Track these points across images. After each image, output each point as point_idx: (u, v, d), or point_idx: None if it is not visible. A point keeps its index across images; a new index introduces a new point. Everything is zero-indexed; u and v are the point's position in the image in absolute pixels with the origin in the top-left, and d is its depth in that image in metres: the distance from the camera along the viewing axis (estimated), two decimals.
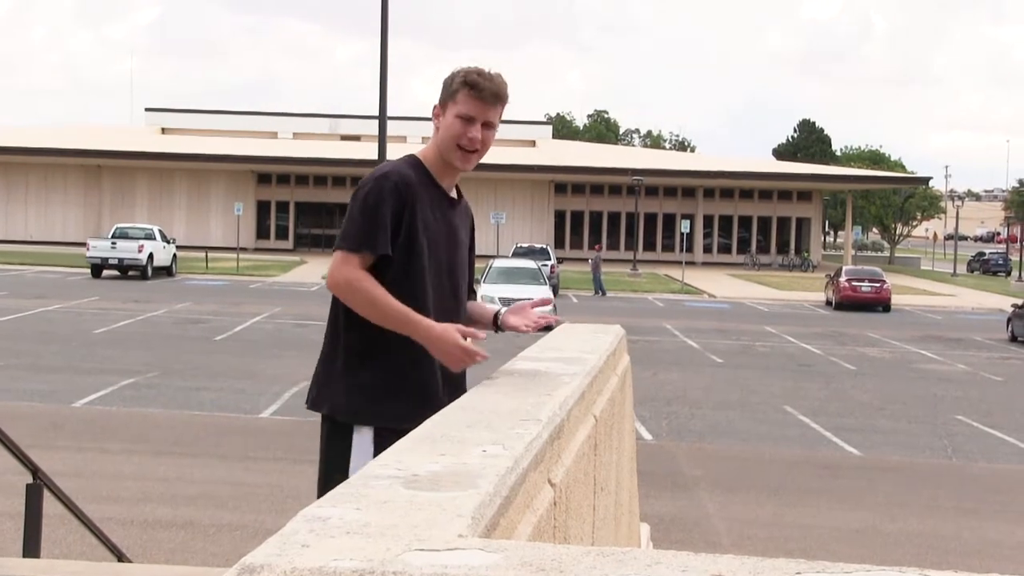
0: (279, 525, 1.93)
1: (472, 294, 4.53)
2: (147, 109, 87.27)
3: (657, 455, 16.00)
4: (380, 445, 3.89)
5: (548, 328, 4.67)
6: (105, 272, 48.13)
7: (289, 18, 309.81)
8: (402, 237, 4.03)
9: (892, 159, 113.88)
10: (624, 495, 5.52)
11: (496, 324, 4.40)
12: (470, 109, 4.04)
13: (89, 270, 48.39)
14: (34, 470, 7.39)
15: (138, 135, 79.05)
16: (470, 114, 4.04)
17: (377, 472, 2.36)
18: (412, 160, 4.23)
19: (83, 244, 52.03)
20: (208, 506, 12.50)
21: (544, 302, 4.46)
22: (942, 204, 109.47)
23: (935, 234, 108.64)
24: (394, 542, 1.84)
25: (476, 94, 4.04)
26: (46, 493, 7.51)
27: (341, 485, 2.25)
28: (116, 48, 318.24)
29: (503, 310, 4.42)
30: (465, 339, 3.96)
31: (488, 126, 4.09)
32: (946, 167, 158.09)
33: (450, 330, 3.95)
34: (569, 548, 1.85)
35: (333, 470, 3.97)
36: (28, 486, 7.45)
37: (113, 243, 48.10)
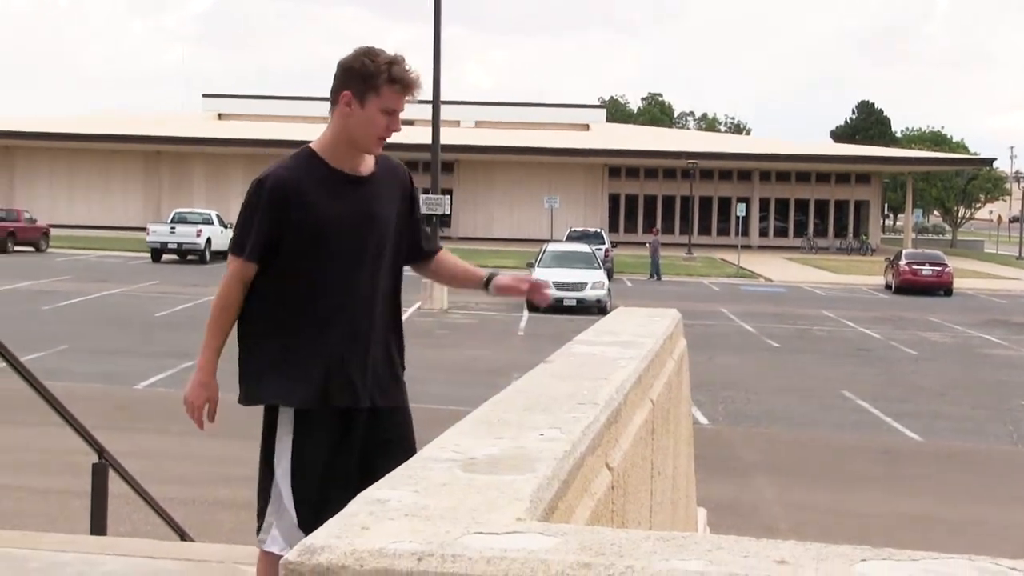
0: None
1: (432, 244, 4.58)
2: (204, 95, 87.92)
3: (714, 440, 15.94)
4: (296, 422, 4.18)
5: (553, 304, 4.69)
6: (164, 256, 48.62)
7: (340, 6, 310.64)
8: (290, 237, 4.13)
9: (954, 140, 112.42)
10: (681, 479, 5.51)
11: (486, 286, 4.52)
12: (396, 104, 4.11)
13: (149, 254, 48.90)
14: (99, 450, 7.49)
15: (195, 121, 79.68)
16: (396, 108, 4.11)
17: (435, 455, 2.37)
18: (301, 153, 4.28)
19: (143, 229, 52.54)
20: None
21: (543, 284, 4.54)
22: (1007, 186, 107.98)
23: (999, 216, 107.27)
24: (453, 525, 1.84)
25: (402, 89, 4.09)
26: (111, 473, 7.61)
27: (400, 467, 2.26)
28: (170, 36, 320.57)
29: (497, 273, 4.55)
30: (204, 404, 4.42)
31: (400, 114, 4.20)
32: (1011, 148, 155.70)
33: (203, 391, 4.46)
34: (628, 532, 1.85)
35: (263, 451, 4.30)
36: (94, 466, 7.55)
37: (172, 228, 48.59)
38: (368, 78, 4.07)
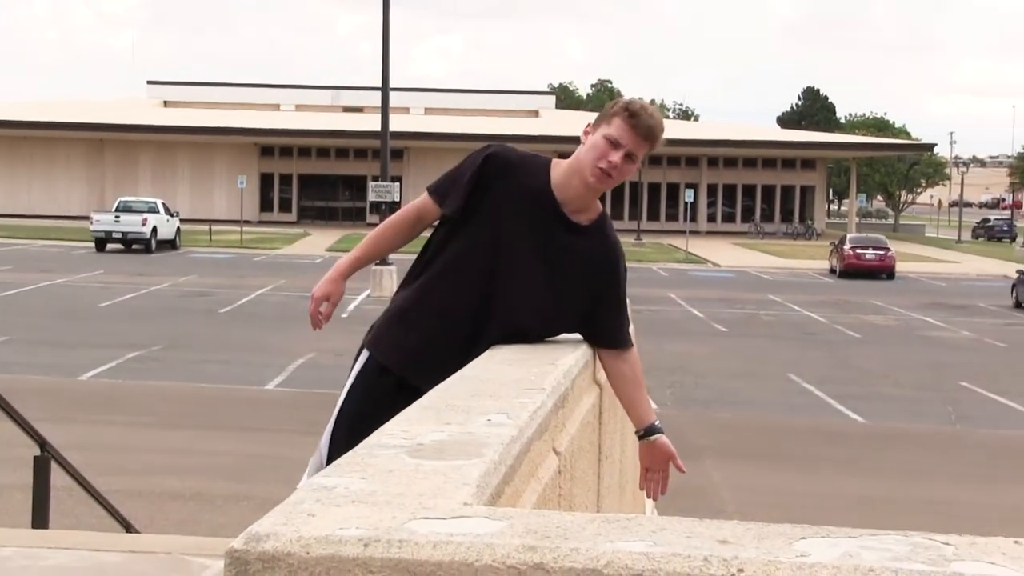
0: (287, 496, 1.94)
1: (621, 337, 4.16)
2: (149, 82, 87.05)
3: (662, 424, 16.00)
4: (363, 368, 4.07)
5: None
6: (109, 246, 48.10)
7: None
8: (466, 209, 4.00)
9: (897, 126, 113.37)
10: (629, 464, 5.54)
11: (643, 435, 4.21)
12: (620, 135, 3.94)
13: (93, 244, 48.39)
14: (42, 442, 7.42)
15: (141, 108, 78.90)
16: (619, 140, 3.94)
17: (383, 441, 2.37)
18: (542, 159, 4.17)
19: (87, 218, 51.98)
20: (215, 477, 12.55)
21: (679, 468, 4.16)
22: (947, 171, 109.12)
23: (940, 201, 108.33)
24: (400, 511, 1.85)
25: (632, 122, 3.94)
26: (54, 465, 7.54)
27: (347, 454, 2.26)
28: (117, 22, 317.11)
29: (662, 431, 4.20)
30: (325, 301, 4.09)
31: (631, 158, 3.97)
32: (951, 133, 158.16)
33: (325, 286, 4.10)
34: (574, 515, 1.86)
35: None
36: (36, 458, 7.48)
37: (117, 217, 48.05)
38: (606, 110, 4.04)
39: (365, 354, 4.13)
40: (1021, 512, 12.91)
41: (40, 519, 7.35)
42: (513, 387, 3.02)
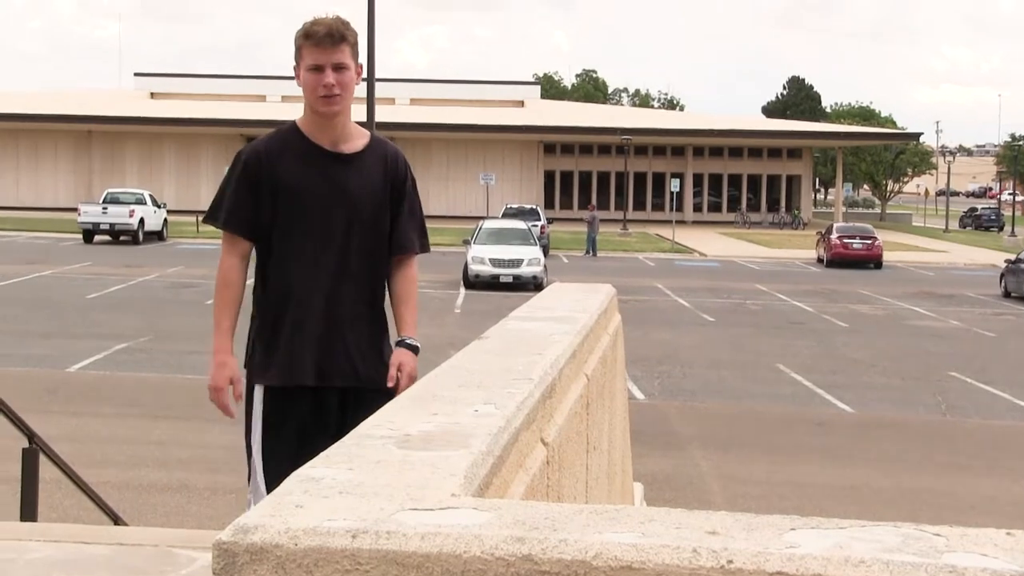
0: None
1: (406, 242, 4.35)
2: (136, 74, 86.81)
3: (649, 414, 16.04)
4: (265, 401, 4.20)
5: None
6: (96, 237, 47.94)
7: None
8: (266, 206, 4.19)
9: (883, 115, 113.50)
10: (617, 454, 5.54)
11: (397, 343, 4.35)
12: (315, 59, 4.12)
13: (81, 236, 48.24)
14: (30, 435, 7.39)
15: (127, 100, 78.61)
16: (316, 63, 4.12)
17: (370, 432, 2.37)
18: (284, 127, 4.35)
19: (74, 210, 51.79)
20: (202, 469, 12.52)
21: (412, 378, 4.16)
22: (933, 160, 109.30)
23: (926, 190, 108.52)
24: (387, 502, 1.84)
25: (314, 43, 4.12)
26: (42, 457, 7.52)
27: (335, 445, 2.26)
28: (102, 13, 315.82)
29: (405, 343, 4.23)
30: (229, 385, 4.25)
31: (340, 68, 4.13)
32: (937, 122, 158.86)
33: (223, 371, 4.22)
34: (562, 506, 1.86)
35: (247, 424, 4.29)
36: (24, 451, 7.45)
37: (104, 208, 47.91)
38: (296, 49, 4.21)
39: (260, 389, 4.23)
40: (1013, 503, 12.94)
41: (28, 512, 7.33)
42: (500, 377, 3.02)
